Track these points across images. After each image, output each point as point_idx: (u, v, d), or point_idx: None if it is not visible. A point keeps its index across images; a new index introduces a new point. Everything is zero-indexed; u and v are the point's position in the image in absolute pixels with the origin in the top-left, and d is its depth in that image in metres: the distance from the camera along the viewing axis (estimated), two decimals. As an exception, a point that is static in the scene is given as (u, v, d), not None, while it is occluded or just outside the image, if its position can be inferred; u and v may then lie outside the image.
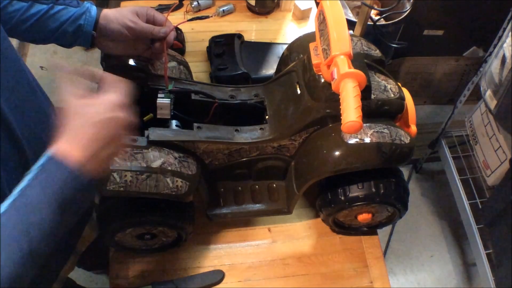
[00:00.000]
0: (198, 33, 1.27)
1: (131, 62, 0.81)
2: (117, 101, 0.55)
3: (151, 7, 0.79)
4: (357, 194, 0.83)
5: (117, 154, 0.57)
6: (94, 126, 0.52)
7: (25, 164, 0.64)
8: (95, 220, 0.92)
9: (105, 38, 0.75)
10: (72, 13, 0.72)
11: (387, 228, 1.81)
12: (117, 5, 1.33)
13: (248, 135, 0.82)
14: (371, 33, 1.23)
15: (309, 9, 1.33)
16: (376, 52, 0.89)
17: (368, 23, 1.11)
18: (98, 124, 0.52)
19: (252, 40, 1.25)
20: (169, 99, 0.79)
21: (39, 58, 2.24)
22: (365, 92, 0.73)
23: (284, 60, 0.93)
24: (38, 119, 0.70)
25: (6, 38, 0.63)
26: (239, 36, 1.19)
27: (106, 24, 0.73)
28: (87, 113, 0.53)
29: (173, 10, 1.32)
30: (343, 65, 0.65)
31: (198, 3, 1.32)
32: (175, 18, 1.31)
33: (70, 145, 0.51)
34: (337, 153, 0.77)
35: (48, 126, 0.72)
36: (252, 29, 1.31)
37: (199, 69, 1.19)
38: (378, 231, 0.99)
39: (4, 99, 0.59)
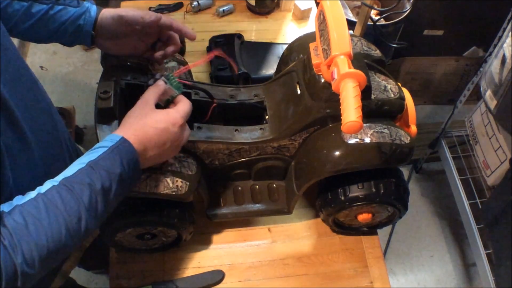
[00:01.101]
0: (198, 33, 1.25)
1: (131, 62, 0.81)
2: (180, 120, 0.67)
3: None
4: (357, 194, 0.83)
5: (161, 160, 0.69)
6: (154, 131, 0.64)
7: (28, 151, 0.66)
8: None
9: (104, 37, 0.75)
10: (71, 13, 0.73)
11: (387, 228, 1.82)
12: (117, 5, 1.33)
13: (248, 135, 0.83)
14: (371, 33, 1.23)
15: (309, 9, 1.33)
16: (376, 52, 0.89)
17: (368, 23, 1.11)
18: (157, 130, 0.64)
19: (252, 40, 1.25)
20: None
21: (39, 58, 2.24)
22: (365, 92, 0.73)
23: (284, 60, 0.93)
24: (41, 111, 0.71)
25: (6, 33, 0.64)
26: (239, 36, 1.19)
27: (102, 22, 0.74)
28: (154, 118, 0.65)
29: (173, 10, 1.32)
30: (343, 65, 0.65)
31: (198, 3, 1.32)
32: (175, 18, 1.31)
33: (132, 135, 0.62)
34: (337, 153, 0.77)
35: (51, 118, 0.74)
36: (252, 29, 1.31)
37: (199, 69, 1.19)
38: (378, 231, 0.99)
39: (7, 90, 0.60)
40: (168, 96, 0.72)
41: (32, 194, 0.54)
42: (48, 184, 0.56)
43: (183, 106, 0.70)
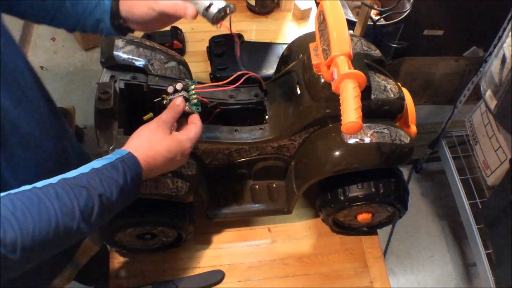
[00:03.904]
0: (198, 33, 1.27)
1: (131, 62, 0.81)
2: (189, 149, 0.68)
3: None
4: (356, 194, 0.83)
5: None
6: (163, 159, 0.65)
7: (7, 149, 0.64)
8: (98, 234, 0.93)
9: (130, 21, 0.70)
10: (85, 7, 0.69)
11: (387, 228, 1.82)
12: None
13: (248, 135, 0.83)
14: (371, 33, 1.23)
15: (309, 9, 1.33)
16: (376, 52, 0.89)
17: (368, 23, 1.11)
18: (167, 159, 0.65)
19: (252, 40, 1.25)
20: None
21: (39, 58, 2.24)
22: (365, 93, 0.73)
23: (284, 60, 0.93)
24: (32, 110, 0.69)
25: (7, 31, 0.63)
26: (239, 36, 1.19)
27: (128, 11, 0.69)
28: (167, 146, 0.65)
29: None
30: (343, 66, 0.65)
31: (198, 3, 1.31)
32: (175, 18, 1.31)
33: (142, 160, 0.63)
34: (337, 153, 0.77)
35: (44, 119, 0.72)
36: (252, 29, 1.31)
37: (199, 69, 1.19)
38: (378, 231, 0.99)
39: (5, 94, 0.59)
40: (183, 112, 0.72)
41: (27, 187, 0.53)
42: (45, 182, 0.55)
43: (195, 133, 0.70)
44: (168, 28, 1.22)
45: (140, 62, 0.82)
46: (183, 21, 1.32)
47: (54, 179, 0.56)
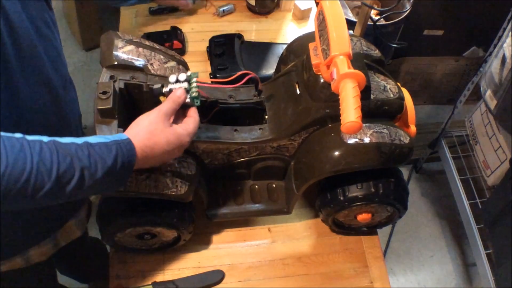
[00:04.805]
0: (198, 33, 1.27)
1: (131, 62, 0.81)
2: (186, 143, 0.69)
3: None
4: (356, 194, 0.83)
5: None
6: (161, 151, 0.66)
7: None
8: (83, 219, 0.96)
9: None
10: None
11: (387, 228, 1.82)
12: (117, 8, 1.33)
13: (247, 135, 0.83)
14: (371, 33, 1.23)
15: (309, 9, 1.33)
16: (376, 52, 0.89)
17: (368, 23, 1.11)
18: (165, 151, 0.66)
19: (252, 40, 1.25)
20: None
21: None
22: (365, 92, 0.73)
23: (283, 60, 0.93)
24: (39, 81, 0.73)
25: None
26: (239, 36, 1.19)
27: None
28: (166, 138, 0.66)
29: (173, 11, 1.32)
30: (343, 66, 0.65)
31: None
32: (175, 18, 1.31)
33: (140, 149, 0.63)
34: (336, 153, 0.77)
35: (52, 92, 0.76)
36: (252, 29, 1.31)
37: (199, 69, 1.19)
38: (378, 231, 0.99)
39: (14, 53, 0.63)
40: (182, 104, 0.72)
41: (18, 134, 0.54)
42: (36, 137, 0.55)
43: (193, 127, 0.71)
44: (168, 28, 1.23)
45: (139, 62, 0.82)
46: (183, 21, 1.33)
47: (45, 138, 0.56)
